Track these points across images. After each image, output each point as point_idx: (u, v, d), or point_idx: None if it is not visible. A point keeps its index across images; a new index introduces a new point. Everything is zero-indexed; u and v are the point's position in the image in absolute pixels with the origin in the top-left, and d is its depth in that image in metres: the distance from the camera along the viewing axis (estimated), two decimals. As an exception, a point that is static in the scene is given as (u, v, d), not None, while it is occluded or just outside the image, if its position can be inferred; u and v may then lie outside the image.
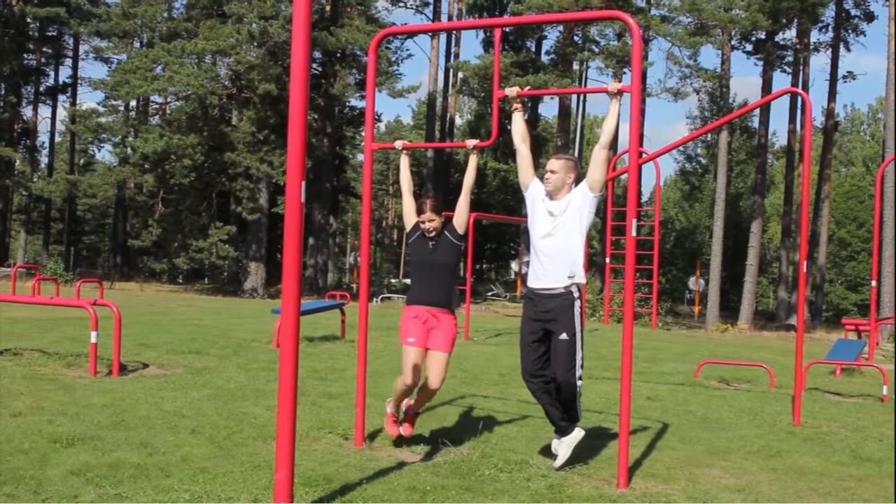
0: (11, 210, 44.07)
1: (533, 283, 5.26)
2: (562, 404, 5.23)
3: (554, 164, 5.29)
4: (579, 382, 5.15)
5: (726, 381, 9.92)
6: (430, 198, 5.57)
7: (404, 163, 5.89)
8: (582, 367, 5.17)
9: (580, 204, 5.18)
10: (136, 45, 37.80)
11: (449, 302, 5.52)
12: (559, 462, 5.18)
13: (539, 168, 5.36)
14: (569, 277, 5.12)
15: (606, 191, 5.01)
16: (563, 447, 5.21)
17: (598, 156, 5.20)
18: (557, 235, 5.18)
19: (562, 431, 5.26)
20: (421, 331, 5.39)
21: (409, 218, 5.62)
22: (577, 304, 5.15)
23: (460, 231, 5.53)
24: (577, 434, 5.24)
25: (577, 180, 5.33)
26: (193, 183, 33.59)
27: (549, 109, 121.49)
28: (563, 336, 5.09)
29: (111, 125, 34.31)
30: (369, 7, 32.33)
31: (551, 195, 5.27)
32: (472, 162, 5.76)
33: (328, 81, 31.79)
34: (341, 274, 51.68)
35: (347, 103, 36.45)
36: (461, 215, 5.56)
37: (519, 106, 5.45)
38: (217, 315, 16.14)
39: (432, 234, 5.46)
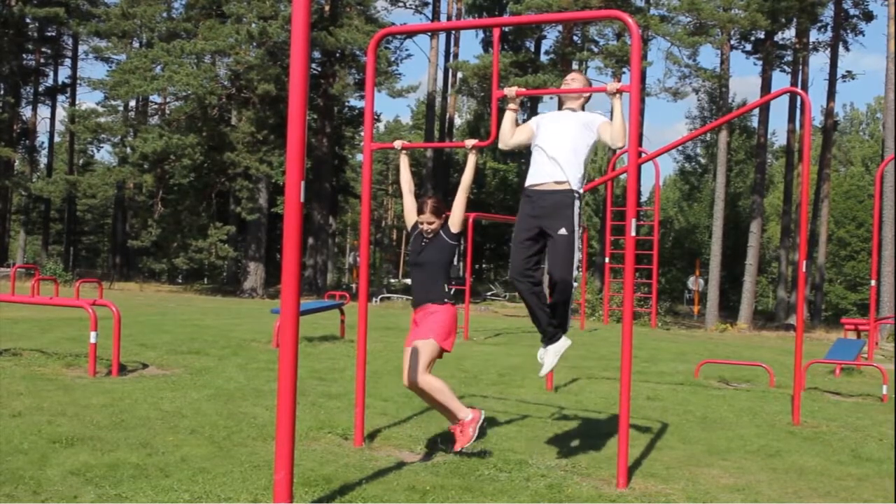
0: (11, 210, 44.06)
1: (534, 179, 5.17)
2: (555, 307, 5.13)
3: (576, 76, 5.43)
4: (575, 283, 5.09)
5: (726, 380, 9.93)
6: (432, 198, 5.55)
7: (404, 163, 5.88)
8: (578, 268, 5.10)
9: (588, 124, 5.18)
10: (136, 45, 37.79)
11: (436, 298, 5.38)
12: (545, 370, 5.13)
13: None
14: (570, 173, 5.05)
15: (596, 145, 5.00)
16: (549, 355, 5.14)
17: (608, 130, 5.14)
18: (565, 137, 5.12)
19: (549, 338, 5.17)
20: (413, 332, 5.42)
21: (410, 217, 5.61)
22: (578, 203, 5.06)
23: (455, 230, 5.48)
24: (564, 342, 5.16)
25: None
26: (193, 183, 33.60)
27: (548, 109, 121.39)
28: (563, 231, 4.98)
29: (110, 125, 34.33)
30: (368, 7, 32.33)
31: (563, 106, 5.32)
32: (471, 161, 5.75)
33: (327, 81, 31.80)
34: (340, 274, 51.69)
35: (347, 103, 36.47)
36: (456, 214, 5.53)
37: (515, 107, 5.45)
38: (216, 315, 16.14)
39: (429, 235, 5.45)
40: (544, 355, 5.18)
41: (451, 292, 5.53)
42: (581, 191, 5.12)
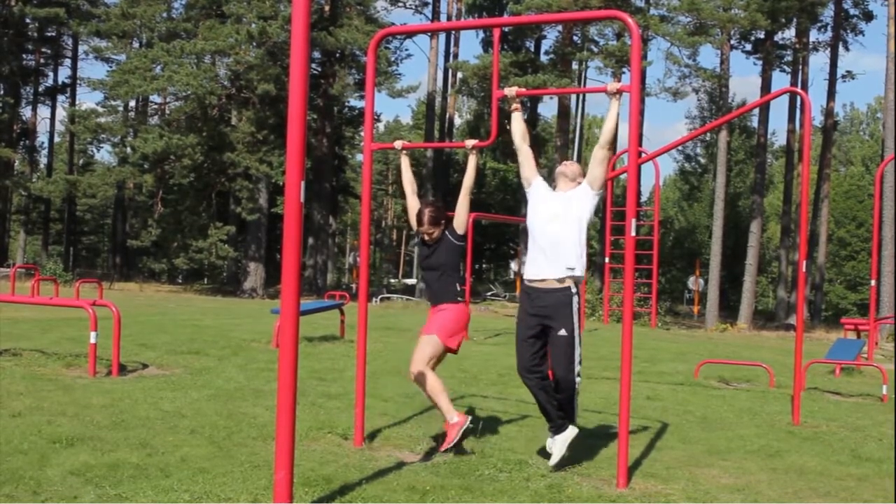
0: (11, 210, 44.05)
1: (531, 275, 5.21)
2: (560, 402, 5.21)
3: (568, 166, 5.43)
4: (578, 379, 5.14)
5: (726, 380, 9.93)
6: (429, 208, 5.52)
7: (405, 163, 5.88)
8: (580, 363, 5.16)
9: (582, 198, 5.21)
10: (136, 45, 37.77)
11: (447, 297, 5.50)
12: (554, 461, 5.18)
13: (539, 166, 5.39)
14: (568, 269, 5.09)
15: (606, 191, 5.03)
16: (558, 445, 5.20)
17: (598, 154, 5.23)
18: (560, 224, 5.16)
19: (557, 429, 5.22)
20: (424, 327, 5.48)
21: (415, 218, 5.63)
22: (576, 300, 5.12)
23: (460, 231, 5.53)
24: (571, 432, 5.22)
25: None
26: (193, 183, 33.59)
27: (548, 109, 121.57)
28: (562, 332, 5.06)
29: (110, 125, 34.32)
30: (368, 7, 32.32)
31: (556, 188, 5.35)
32: (472, 162, 5.76)
33: (327, 81, 31.80)
34: (340, 274, 51.66)
35: (347, 103, 36.45)
36: (461, 216, 5.56)
37: (517, 106, 5.46)
38: (216, 315, 16.14)
39: (431, 242, 5.50)
40: (553, 445, 5.23)
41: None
42: (581, 277, 5.16)
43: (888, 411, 8.06)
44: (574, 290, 5.13)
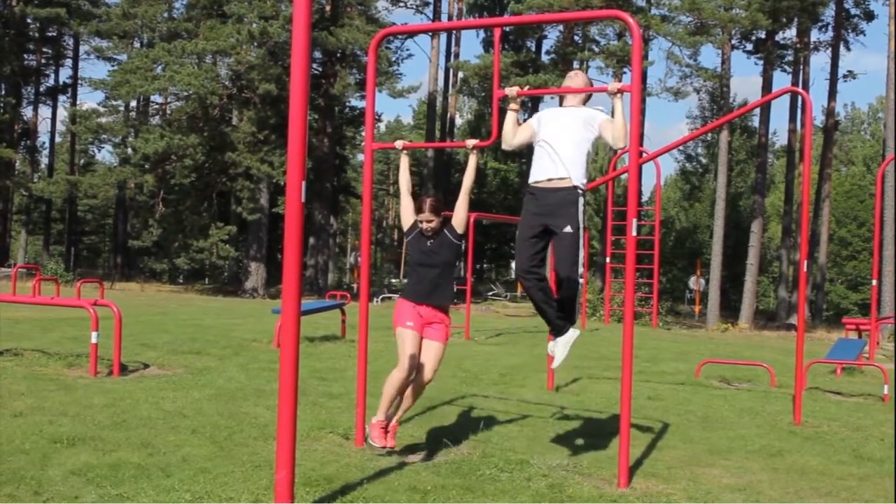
0: (12, 210, 44.08)
1: (536, 176, 5.17)
2: (562, 303, 5.17)
3: (574, 78, 5.44)
4: (581, 280, 5.12)
5: (727, 380, 9.92)
6: (431, 197, 5.55)
7: (404, 163, 5.88)
8: (583, 264, 5.13)
9: (588, 120, 5.19)
10: (137, 45, 37.81)
11: (447, 300, 5.51)
12: (557, 362, 5.18)
13: None
14: (573, 170, 5.06)
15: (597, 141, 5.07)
16: (560, 347, 5.18)
17: (609, 127, 5.17)
18: (566, 133, 5.13)
19: (557, 331, 5.21)
20: (418, 320, 5.40)
21: (407, 218, 5.61)
22: (581, 200, 5.09)
23: (459, 231, 5.53)
24: (573, 333, 5.21)
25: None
26: (194, 183, 33.60)
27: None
28: (568, 229, 5.01)
29: (111, 125, 34.33)
30: (369, 7, 32.33)
31: (564, 102, 5.35)
32: (472, 162, 5.76)
33: (328, 81, 31.80)
34: (341, 274, 51.68)
35: (347, 103, 36.46)
36: (460, 215, 5.56)
37: (516, 106, 5.44)
38: (217, 315, 16.14)
39: (430, 234, 5.46)
40: (555, 347, 5.23)
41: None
42: (584, 187, 5.13)
43: (889, 411, 8.06)
44: (580, 190, 5.08)
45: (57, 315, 13.26)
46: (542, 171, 5.16)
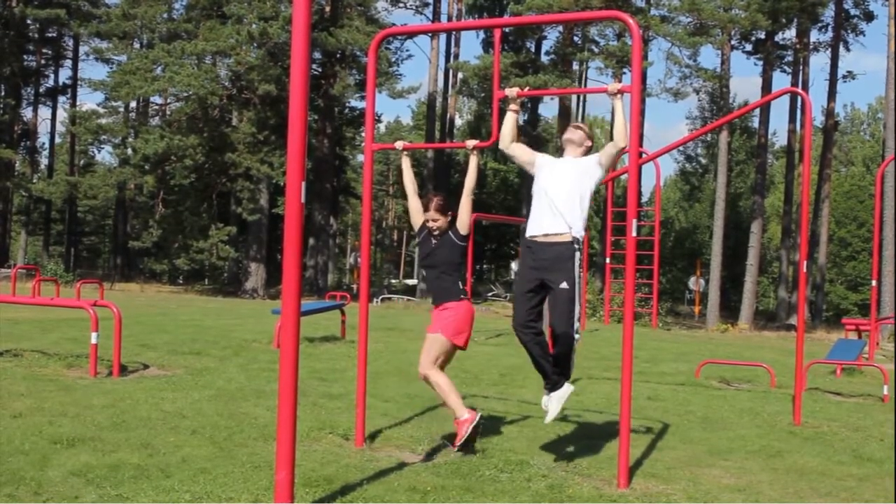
0: (12, 211, 44.07)
1: (533, 230, 5.18)
2: (557, 358, 5.17)
3: (575, 131, 5.41)
4: (577, 336, 5.12)
5: (727, 381, 9.92)
6: (437, 196, 5.56)
7: (406, 164, 5.88)
8: (579, 319, 5.13)
9: (588, 169, 5.20)
10: (136, 45, 37.82)
11: (452, 295, 5.51)
12: (549, 418, 5.18)
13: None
14: (570, 225, 5.07)
15: (607, 174, 5.09)
16: (554, 402, 5.19)
17: (610, 150, 5.20)
18: (564, 187, 5.14)
19: (552, 386, 5.21)
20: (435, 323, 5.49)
21: (417, 218, 5.62)
22: (578, 255, 5.08)
23: (463, 231, 5.54)
24: (567, 389, 5.21)
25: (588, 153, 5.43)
26: (194, 184, 33.60)
27: (549, 110, 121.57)
28: (564, 285, 5.00)
29: (111, 126, 34.35)
30: (369, 7, 32.34)
31: (564, 155, 5.35)
32: (473, 163, 5.76)
33: (328, 82, 31.80)
34: (341, 274, 51.69)
35: (347, 104, 36.47)
36: (463, 216, 5.56)
37: (516, 107, 5.45)
38: (217, 316, 16.13)
39: (436, 234, 5.47)
40: (548, 402, 5.24)
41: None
42: (581, 238, 5.14)
43: (889, 411, 8.06)
44: (576, 245, 5.08)
45: (57, 316, 13.25)
46: (539, 226, 5.17)
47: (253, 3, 29.50)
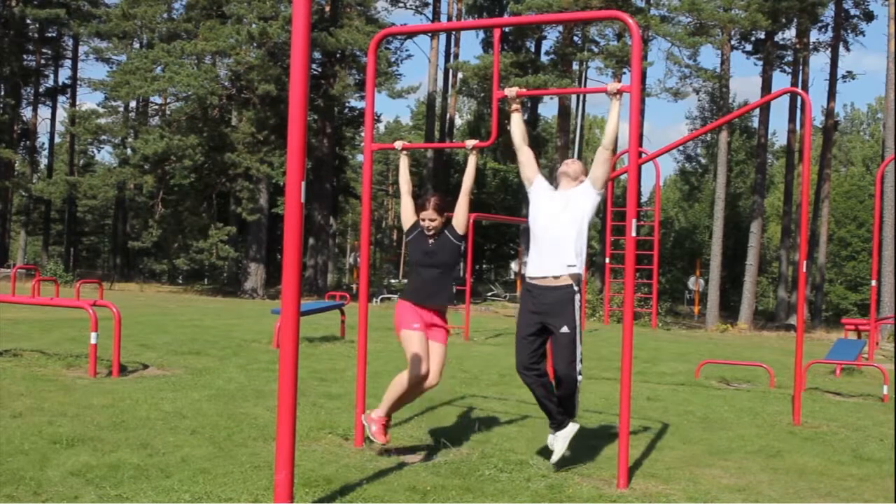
0: (11, 211, 44.07)
1: (533, 272, 5.21)
2: (561, 399, 5.20)
3: (570, 165, 5.41)
4: (579, 377, 5.15)
5: (726, 381, 9.92)
6: (435, 196, 5.54)
7: (404, 163, 5.88)
8: (581, 361, 5.16)
9: (583, 198, 5.21)
10: (136, 45, 37.80)
11: (446, 302, 5.51)
12: (556, 457, 5.18)
13: (539, 167, 5.39)
14: (569, 266, 5.08)
15: (606, 191, 5.06)
16: (559, 441, 5.20)
17: (600, 155, 5.24)
18: (561, 223, 5.16)
19: (557, 425, 5.23)
20: (421, 322, 5.40)
21: (408, 218, 5.61)
22: (578, 297, 5.12)
23: (460, 231, 5.52)
24: (573, 428, 5.22)
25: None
26: (193, 184, 33.60)
27: (548, 109, 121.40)
28: (565, 329, 5.05)
29: (111, 126, 34.33)
30: (369, 7, 32.33)
31: (559, 187, 5.36)
32: (472, 162, 5.76)
33: (328, 82, 31.80)
34: (341, 274, 51.68)
35: (347, 104, 36.46)
36: (461, 216, 5.56)
37: (517, 107, 5.46)
38: (217, 316, 16.14)
39: (432, 233, 5.45)
40: (554, 442, 5.24)
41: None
42: (581, 273, 5.16)
43: (889, 411, 8.06)
44: (576, 287, 5.12)
45: (56, 316, 13.26)
46: (539, 268, 5.19)
47: (253, 3, 29.49)
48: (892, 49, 26.90)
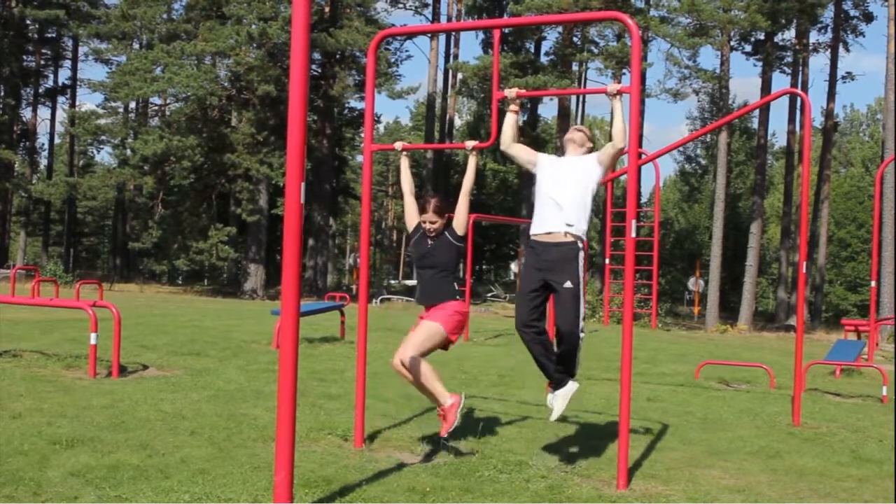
0: (11, 212, 44.06)
1: (537, 229, 5.20)
2: (562, 356, 5.18)
3: (576, 132, 5.45)
4: (582, 335, 5.14)
5: (726, 381, 9.92)
6: (435, 198, 5.53)
7: (404, 164, 5.88)
8: (584, 318, 5.14)
9: (589, 168, 5.22)
10: (136, 46, 37.80)
11: (448, 295, 5.45)
12: (555, 415, 5.19)
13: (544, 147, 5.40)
14: (569, 225, 5.08)
15: (607, 172, 5.12)
16: (559, 400, 5.19)
17: (611, 149, 5.21)
18: (566, 186, 5.16)
19: (556, 384, 5.22)
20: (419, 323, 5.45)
21: (411, 219, 5.61)
22: (581, 255, 5.11)
23: (460, 232, 5.52)
24: (572, 387, 5.21)
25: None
26: (193, 184, 33.59)
27: (548, 110, 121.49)
28: (568, 284, 5.02)
29: (110, 127, 34.33)
30: (368, 8, 32.33)
31: (566, 154, 5.38)
32: (472, 163, 5.76)
33: (327, 83, 31.80)
34: (341, 275, 51.67)
35: (347, 104, 36.46)
36: (461, 217, 5.56)
37: (516, 108, 5.45)
38: (217, 316, 16.13)
39: (433, 234, 5.45)
40: (553, 400, 5.23)
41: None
42: (584, 237, 5.16)
43: (888, 412, 8.06)
44: (580, 244, 5.10)
45: (56, 316, 13.25)
46: (542, 225, 5.19)
47: (252, 4, 29.50)
48: (892, 50, 26.91)
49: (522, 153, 5.48)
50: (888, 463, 5.81)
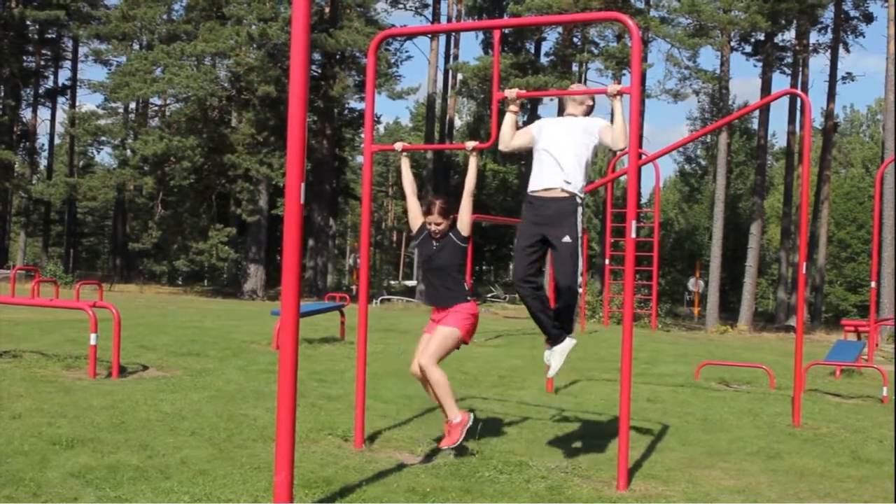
0: (11, 212, 44.05)
1: (535, 185, 5.19)
2: (559, 312, 5.18)
3: (577, 86, 5.55)
4: (579, 290, 5.14)
5: (726, 382, 9.92)
6: (440, 199, 5.50)
7: (405, 165, 5.88)
8: (581, 274, 5.15)
9: (588, 130, 5.22)
10: (136, 47, 37.82)
11: (459, 297, 5.43)
12: (552, 371, 5.20)
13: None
14: (567, 182, 5.07)
15: (598, 148, 5.17)
16: (556, 356, 5.19)
17: (608, 135, 5.21)
18: (564, 143, 5.16)
19: (553, 340, 5.22)
20: (432, 325, 5.45)
21: (415, 220, 5.59)
22: (580, 210, 5.11)
23: (464, 233, 5.51)
24: (569, 343, 5.22)
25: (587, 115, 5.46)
26: (193, 185, 33.61)
27: (548, 111, 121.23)
28: (566, 239, 5.02)
29: (110, 128, 34.35)
30: (368, 9, 32.35)
31: (564, 112, 5.41)
32: (473, 164, 5.75)
33: (328, 83, 31.82)
34: (341, 276, 51.67)
35: (347, 105, 36.48)
36: (464, 218, 5.54)
37: (516, 108, 5.45)
38: (217, 317, 16.13)
39: (438, 236, 5.45)
40: (551, 356, 5.24)
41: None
42: (583, 195, 5.15)
43: (888, 413, 8.06)
44: (578, 200, 5.10)
45: (56, 317, 13.25)
46: (540, 181, 5.18)
47: (252, 5, 29.51)
48: (892, 51, 26.91)
49: (521, 139, 5.46)
50: (888, 463, 5.81)
